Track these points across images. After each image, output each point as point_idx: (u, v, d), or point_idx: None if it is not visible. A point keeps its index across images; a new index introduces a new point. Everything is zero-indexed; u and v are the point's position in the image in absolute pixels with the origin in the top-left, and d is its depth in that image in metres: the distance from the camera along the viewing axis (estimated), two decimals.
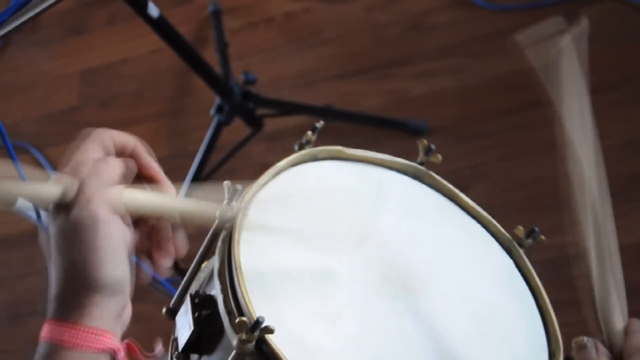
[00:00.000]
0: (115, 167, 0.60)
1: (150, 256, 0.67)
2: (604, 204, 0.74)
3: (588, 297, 0.73)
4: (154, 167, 0.66)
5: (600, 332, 0.73)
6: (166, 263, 0.66)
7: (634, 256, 1.57)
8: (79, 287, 0.57)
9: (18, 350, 1.93)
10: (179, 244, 0.66)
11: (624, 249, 1.64)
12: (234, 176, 0.73)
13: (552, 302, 0.83)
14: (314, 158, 0.84)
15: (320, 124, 0.84)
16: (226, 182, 0.71)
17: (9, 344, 1.95)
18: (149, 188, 0.66)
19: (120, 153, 0.64)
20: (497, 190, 1.71)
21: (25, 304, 1.98)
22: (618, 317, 0.72)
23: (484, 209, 0.93)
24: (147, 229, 0.66)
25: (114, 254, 0.57)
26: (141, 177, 0.66)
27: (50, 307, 0.58)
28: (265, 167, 0.79)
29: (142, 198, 0.62)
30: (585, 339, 0.76)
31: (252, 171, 1.21)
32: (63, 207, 0.58)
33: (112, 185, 0.58)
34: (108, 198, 0.57)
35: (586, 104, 0.77)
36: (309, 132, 0.84)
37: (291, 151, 0.83)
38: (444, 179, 0.93)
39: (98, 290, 0.57)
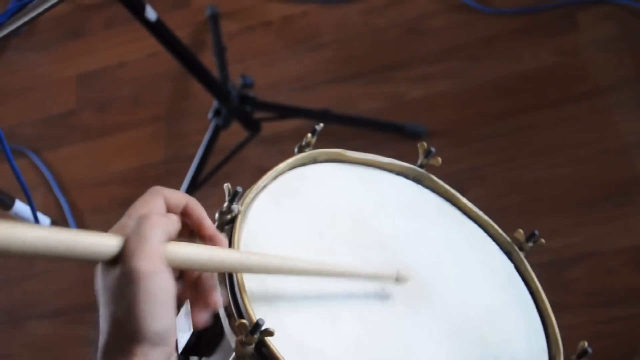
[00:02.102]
0: (159, 223, 0.59)
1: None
2: None
3: None
4: (207, 224, 0.65)
5: None
6: (205, 316, 0.65)
7: (631, 259, 1.57)
8: (122, 338, 0.58)
9: (15, 353, 1.93)
10: (218, 297, 0.65)
11: (620, 253, 1.65)
12: (232, 180, 0.72)
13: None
14: (314, 160, 0.84)
15: (319, 126, 0.83)
16: (226, 184, 0.71)
17: (6, 347, 1.94)
18: (200, 243, 0.65)
19: (173, 210, 0.64)
20: (494, 194, 1.71)
21: (22, 307, 1.97)
22: None
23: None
24: (189, 281, 0.66)
25: (157, 307, 0.57)
26: (196, 235, 0.66)
27: (98, 355, 0.60)
28: (263, 170, 0.79)
29: (187, 252, 0.61)
30: (586, 343, 0.76)
31: (250, 175, 1.20)
32: (109, 263, 0.59)
33: (154, 240, 0.58)
34: (149, 253, 0.57)
35: None
36: (309, 135, 0.83)
37: (288, 155, 0.82)
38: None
39: (141, 341, 0.58)
